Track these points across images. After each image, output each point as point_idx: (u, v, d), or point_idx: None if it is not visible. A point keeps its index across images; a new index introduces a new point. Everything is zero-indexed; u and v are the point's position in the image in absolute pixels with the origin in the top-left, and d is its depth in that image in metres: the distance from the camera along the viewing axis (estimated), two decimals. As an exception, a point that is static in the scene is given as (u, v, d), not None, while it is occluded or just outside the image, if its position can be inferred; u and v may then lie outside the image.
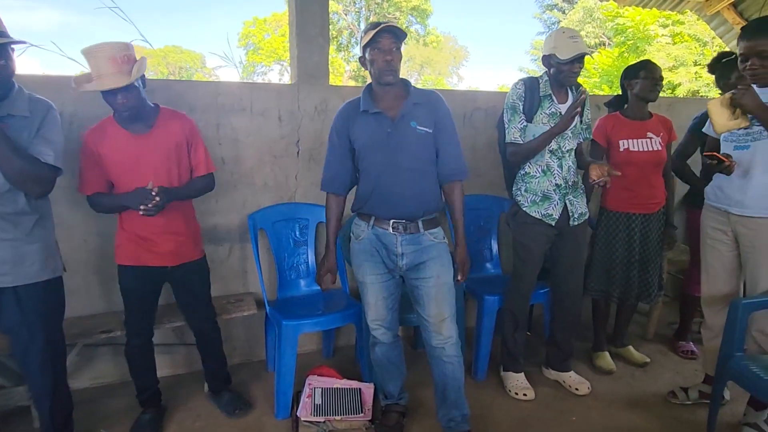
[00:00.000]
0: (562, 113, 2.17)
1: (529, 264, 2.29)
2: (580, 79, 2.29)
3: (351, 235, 1.97)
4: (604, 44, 15.21)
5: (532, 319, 3.01)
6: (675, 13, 5.31)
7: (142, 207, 1.75)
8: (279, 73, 21.27)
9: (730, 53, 2.53)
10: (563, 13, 19.97)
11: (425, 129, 1.81)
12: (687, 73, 8.75)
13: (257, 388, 2.43)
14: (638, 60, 2.52)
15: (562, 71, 2.11)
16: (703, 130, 2.21)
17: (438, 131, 1.85)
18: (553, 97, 2.19)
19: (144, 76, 1.82)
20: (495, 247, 2.91)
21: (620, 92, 2.61)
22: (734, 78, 2.39)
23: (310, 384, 2.21)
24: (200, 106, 2.36)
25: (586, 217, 2.32)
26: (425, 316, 1.89)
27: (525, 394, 2.34)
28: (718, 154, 1.92)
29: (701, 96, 8.05)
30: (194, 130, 2.00)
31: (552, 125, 2.15)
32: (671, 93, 9.10)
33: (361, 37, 1.77)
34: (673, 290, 3.38)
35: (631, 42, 9.69)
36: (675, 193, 2.69)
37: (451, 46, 27.96)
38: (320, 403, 2.12)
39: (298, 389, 2.23)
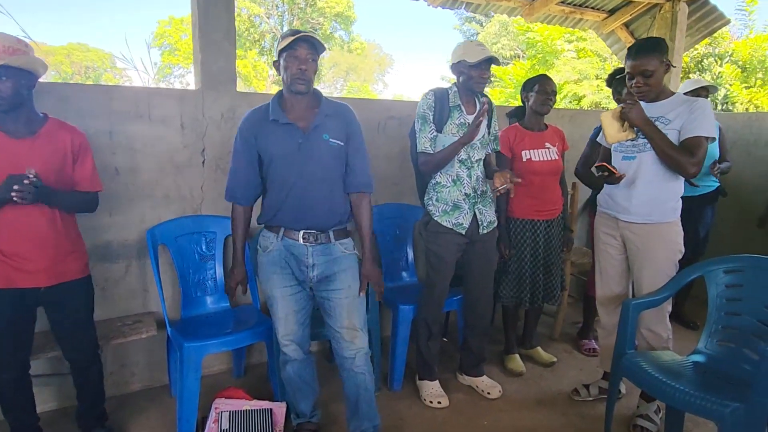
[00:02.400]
0: (471, 124, 2.23)
1: (442, 272, 2.32)
2: (496, 91, 2.37)
3: (258, 247, 1.89)
4: (518, 56, 16.05)
5: (449, 325, 3.07)
6: (577, 30, 5.70)
7: (15, 188, 1.53)
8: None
9: (623, 69, 2.72)
10: (481, 25, 20.81)
11: (337, 142, 1.79)
12: (590, 86, 9.47)
13: (159, 415, 2.25)
14: (537, 74, 2.65)
15: (472, 77, 2.16)
16: (597, 139, 2.36)
17: (349, 144, 1.83)
18: (462, 108, 2.24)
19: (33, 74, 1.65)
20: (411, 255, 2.92)
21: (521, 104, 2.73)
22: (624, 93, 2.57)
23: (216, 408, 2.08)
24: (90, 111, 2.17)
25: (495, 225, 2.39)
26: (337, 327, 1.85)
27: (439, 402, 2.36)
28: (608, 166, 2.05)
29: (602, 107, 8.70)
30: (85, 145, 1.83)
31: (461, 135, 2.20)
32: (577, 104, 9.79)
33: (279, 42, 1.72)
34: (577, 291, 3.59)
35: (541, 55, 10.33)
36: (569, 198, 2.86)
37: (376, 54, 28.26)
38: (227, 428, 2.00)
39: (204, 414, 2.10)
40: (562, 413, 2.33)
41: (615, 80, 2.75)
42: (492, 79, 15.96)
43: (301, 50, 1.68)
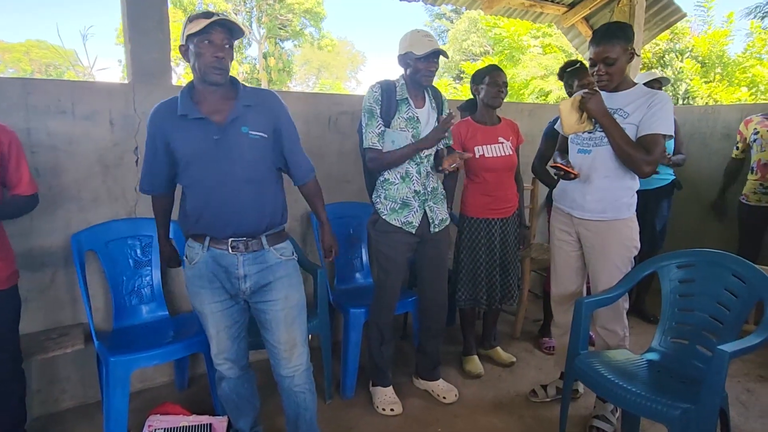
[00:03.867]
0: (419, 118, 2.13)
1: (392, 274, 2.21)
2: (466, 87, 2.28)
3: (184, 258, 1.73)
4: (487, 53, 16.10)
5: (408, 327, 2.97)
6: (538, 24, 5.67)
7: None
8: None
9: (575, 62, 2.66)
10: (451, 22, 20.86)
11: (259, 134, 1.60)
12: (556, 82, 9.51)
13: (90, 435, 2.09)
14: (486, 65, 2.56)
15: (419, 69, 2.05)
16: (555, 126, 2.27)
17: (280, 136, 1.67)
18: (410, 101, 2.14)
19: None
20: (365, 256, 2.81)
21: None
22: (576, 87, 2.51)
23: (150, 426, 1.93)
24: (3, 107, 1.98)
25: (447, 223, 2.30)
26: (274, 342, 1.71)
27: (392, 409, 2.26)
28: (563, 166, 1.97)
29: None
30: (15, 143, 1.69)
31: (410, 130, 2.10)
32: (544, 99, 9.83)
33: (186, 24, 1.52)
34: (539, 288, 3.54)
35: (508, 51, 10.35)
36: (528, 194, 2.79)
37: (348, 51, 28.05)
38: (160, 447, 1.85)
39: (136, 433, 1.95)
40: (518, 416, 2.26)
41: (566, 73, 2.68)
42: (462, 75, 16.02)
43: (216, 35, 1.49)
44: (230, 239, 1.61)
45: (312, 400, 1.78)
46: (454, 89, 12.86)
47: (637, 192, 2.04)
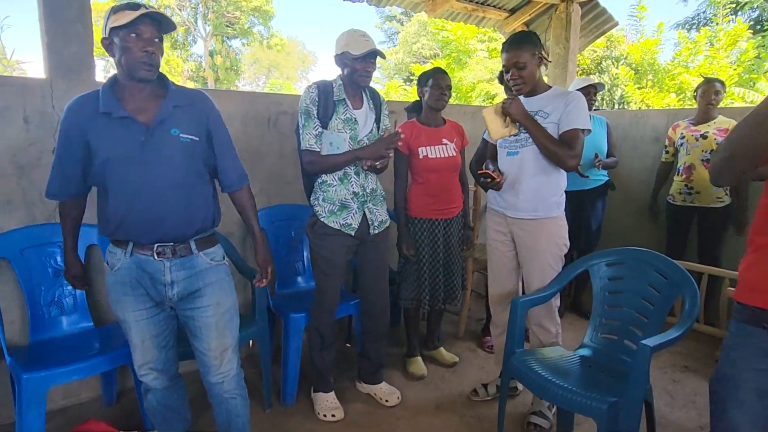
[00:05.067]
0: (357, 119, 2.11)
1: (332, 277, 2.17)
2: (414, 89, 2.27)
3: (105, 264, 1.62)
4: (437, 55, 16.32)
5: (352, 330, 2.94)
6: (482, 28, 5.80)
7: None
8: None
9: None
10: (401, 24, 21.02)
11: (190, 137, 1.52)
12: (501, 85, 9.75)
13: (2, 459, 1.93)
14: (431, 68, 2.57)
15: (356, 70, 2.03)
16: (483, 136, 2.32)
17: (212, 139, 1.60)
18: (348, 102, 2.11)
19: None
20: (307, 259, 2.76)
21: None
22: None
23: (69, 446, 1.80)
24: None
25: (387, 224, 2.29)
26: (203, 349, 1.63)
27: (333, 415, 2.22)
28: (489, 172, 2.02)
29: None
30: None
31: (348, 131, 2.07)
32: (490, 102, 10.07)
33: (110, 15, 1.42)
34: (482, 287, 3.59)
35: (455, 54, 10.53)
36: (471, 195, 2.83)
37: (298, 51, 27.72)
38: (80, 468, 1.73)
39: (54, 455, 1.81)
40: (459, 416, 2.28)
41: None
42: (412, 77, 16.15)
43: (145, 29, 1.40)
44: (156, 245, 1.53)
45: (244, 405, 1.72)
46: (404, 90, 12.95)
47: (574, 193, 2.12)
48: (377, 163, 2.03)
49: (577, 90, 3.08)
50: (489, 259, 2.27)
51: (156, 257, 1.53)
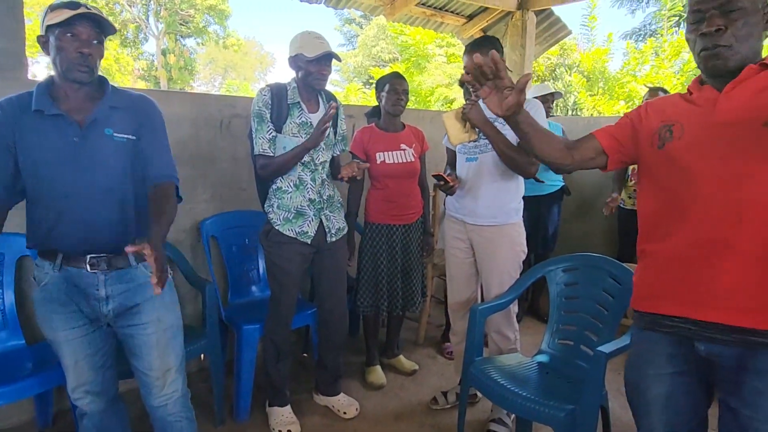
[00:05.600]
0: (313, 123, 2.04)
1: (287, 286, 2.10)
2: (373, 93, 2.23)
3: (33, 279, 1.49)
4: (396, 59, 16.38)
5: (308, 340, 2.86)
6: (441, 34, 5.84)
7: None
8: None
9: None
10: (361, 27, 21.00)
11: (126, 136, 1.42)
12: (460, 90, 9.89)
13: None
14: (389, 72, 2.54)
15: (311, 73, 1.97)
16: (443, 141, 2.30)
17: (144, 135, 1.46)
18: (302, 105, 2.04)
19: None
20: (262, 267, 2.66)
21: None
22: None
23: (-5, 478, 1.64)
24: None
25: (345, 231, 2.23)
26: (144, 370, 1.52)
27: (290, 430, 2.13)
28: (443, 175, 2.00)
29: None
30: None
31: (303, 136, 2.01)
32: (449, 106, 10.20)
33: (47, 13, 1.33)
34: (442, 293, 3.59)
35: (414, 59, 10.61)
36: (431, 200, 2.81)
37: (256, 52, 27.24)
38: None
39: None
40: (419, 425, 2.24)
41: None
42: (371, 81, 16.15)
43: (82, 29, 1.32)
44: (88, 256, 1.41)
45: (190, 428, 1.61)
46: (364, 94, 12.94)
47: (530, 198, 2.13)
48: (347, 175, 2.06)
49: (537, 98, 3.13)
50: (448, 266, 2.25)
51: (89, 269, 1.42)
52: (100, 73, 1.45)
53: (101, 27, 1.37)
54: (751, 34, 1.05)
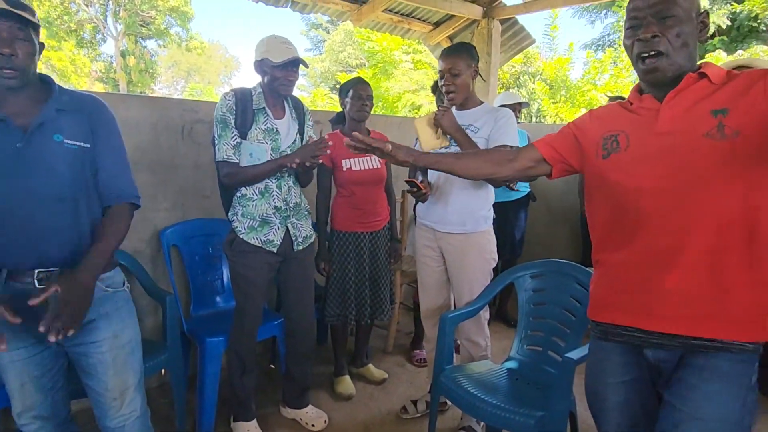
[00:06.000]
0: (279, 129, 1.99)
1: (253, 297, 2.03)
2: (330, 102, 2.17)
3: None
4: (363, 65, 16.41)
5: (275, 352, 2.79)
6: (408, 40, 5.86)
7: None
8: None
9: None
10: (328, 32, 20.96)
11: (77, 143, 1.33)
12: (426, 96, 9.99)
13: None
14: (351, 78, 2.52)
15: (277, 78, 1.92)
16: (414, 147, 2.29)
17: (98, 143, 1.38)
18: (268, 111, 1.99)
19: None
20: (226, 276, 2.57)
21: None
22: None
23: None
24: None
25: (312, 240, 2.18)
26: (100, 390, 1.42)
27: (255, 446, 2.07)
28: (416, 181, 1.99)
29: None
30: None
31: (269, 142, 1.95)
32: (416, 113, 10.26)
33: None
34: (411, 300, 3.58)
35: (381, 65, 10.65)
36: (398, 207, 2.80)
37: (220, 55, 26.79)
38: None
39: None
40: (389, 435, 2.21)
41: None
42: (338, 86, 16.14)
43: (2, 26, 1.21)
44: (36, 270, 1.32)
45: None
46: (331, 99, 12.88)
47: (497, 204, 2.14)
48: (306, 162, 1.88)
49: (504, 105, 3.17)
50: (419, 274, 2.24)
51: (37, 285, 1.32)
52: (53, 74, 1.36)
53: (23, 21, 1.25)
54: (686, 42, 1.07)
